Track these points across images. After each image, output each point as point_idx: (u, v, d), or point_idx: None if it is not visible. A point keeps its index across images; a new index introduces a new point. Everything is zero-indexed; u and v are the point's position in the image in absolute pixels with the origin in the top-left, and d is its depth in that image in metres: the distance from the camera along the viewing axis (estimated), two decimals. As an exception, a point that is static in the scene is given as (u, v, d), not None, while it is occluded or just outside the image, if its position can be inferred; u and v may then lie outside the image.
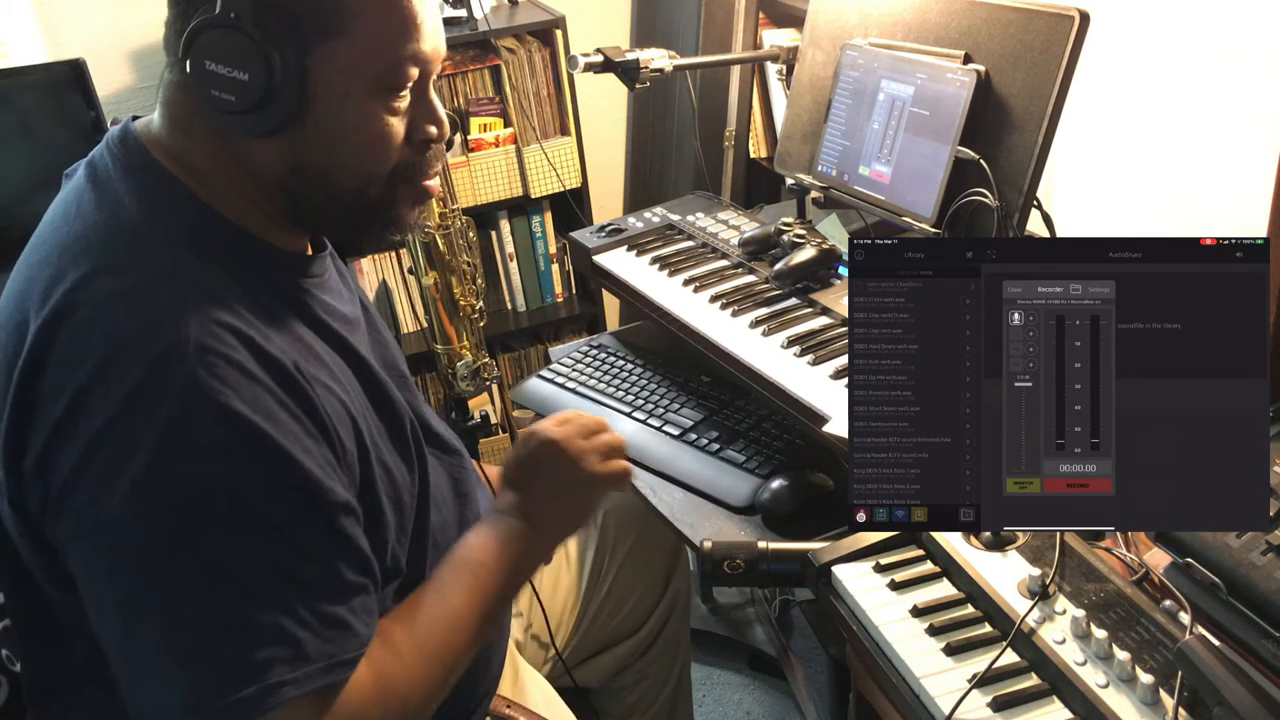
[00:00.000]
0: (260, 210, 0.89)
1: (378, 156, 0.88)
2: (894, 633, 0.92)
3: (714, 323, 1.42)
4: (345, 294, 1.01)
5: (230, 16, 0.79)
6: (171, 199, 0.86)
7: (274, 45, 0.80)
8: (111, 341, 0.78)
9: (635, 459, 1.38)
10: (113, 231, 0.84)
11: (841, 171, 1.49)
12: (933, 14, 1.39)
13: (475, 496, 1.11)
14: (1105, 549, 0.97)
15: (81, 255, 0.83)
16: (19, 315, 0.83)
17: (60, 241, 0.85)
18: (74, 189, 0.89)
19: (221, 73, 0.81)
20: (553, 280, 2.60)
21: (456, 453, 1.11)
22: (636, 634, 1.44)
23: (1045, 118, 1.23)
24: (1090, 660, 0.84)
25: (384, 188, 0.90)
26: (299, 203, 0.89)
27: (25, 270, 0.86)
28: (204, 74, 0.81)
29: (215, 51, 0.81)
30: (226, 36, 0.80)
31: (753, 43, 2.10)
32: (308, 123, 0.84)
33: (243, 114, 0.82)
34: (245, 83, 0.80)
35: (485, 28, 2.27)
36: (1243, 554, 0.85)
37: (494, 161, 2.37)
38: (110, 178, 0.87)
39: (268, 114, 0.82)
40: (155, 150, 0.87)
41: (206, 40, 0.80)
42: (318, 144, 0.86)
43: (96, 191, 0.86)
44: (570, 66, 1.65)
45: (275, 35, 0.80)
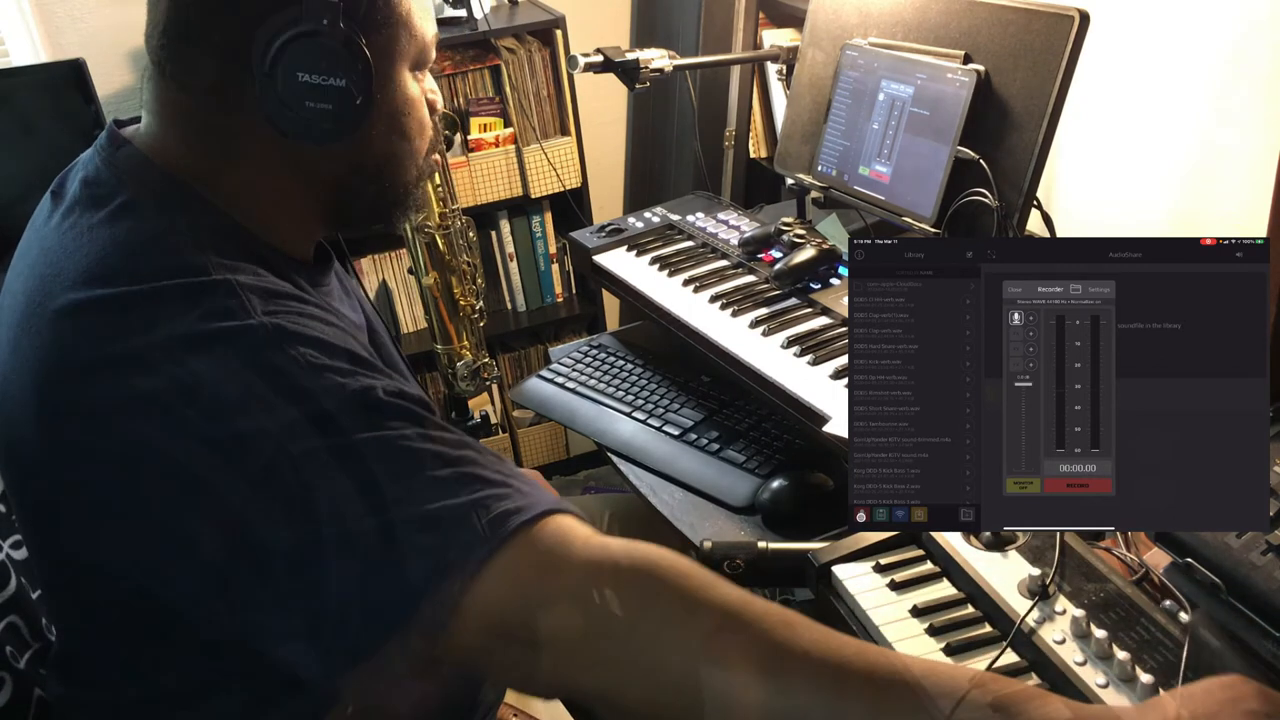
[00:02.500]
0: (286, 223, 0.88)
1: (424, 134, 0.91)
2: (894, 632, 0.92)
3: (714, 323, 1.42)
4: (351, 305, 1.02)
5: (323, 24, 0.78)
6: (192, 211, 0.83)
7: (363, 45, 0.81)
8: (183, 320, 0.75)
9: (635, 459, 1.38)
10: (140, 241, 0.80)
11: (841, 171, 1.49)
12: (933, 14, 1.39)
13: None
14: (1105, 549, 0.97)
15: (113, 277, 0.77)
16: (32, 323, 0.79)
17: (80, 267, 0.79)
18: (75, 205, 0.84)
19: (316, 82, 0.79)
20: (553, 280, 2.60)
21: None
22: None
23: (1045, 117, 1.23)
24: (1090, 660, 0.84)
25: (423, 163, 0.92)
26: (350, 200, 0.90)
27: (23, 288, 0.82)
28: (296, 88, 0.79)
29: (309, 62, 0.79)
30: (321, 44, 0.79)
31: (753, 43, 2.10)
32: (378, 114, 0.85)
33: (332, 121, 0.81)
34: (342, 89, 0.80)
35: (485, 28, 2.27)
36: (1243, 554, 0.85)
37: (494, 161, 2.37)
38: (117, 191, 0.82)
39: (357, 116, 0.83)
40: (162, 161, 0.84)
41: (300, 52, 0.79)
42: (383, 133, 0.87)
43: (108, 206, 0.82)
44: (570, 66, 1.65)
45: (357, 34, 0.81)
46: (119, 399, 0.74)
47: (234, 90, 0.81)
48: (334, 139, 0.83)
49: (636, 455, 1.39)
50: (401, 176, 0.91)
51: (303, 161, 0.85)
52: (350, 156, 0.87)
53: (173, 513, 0.75)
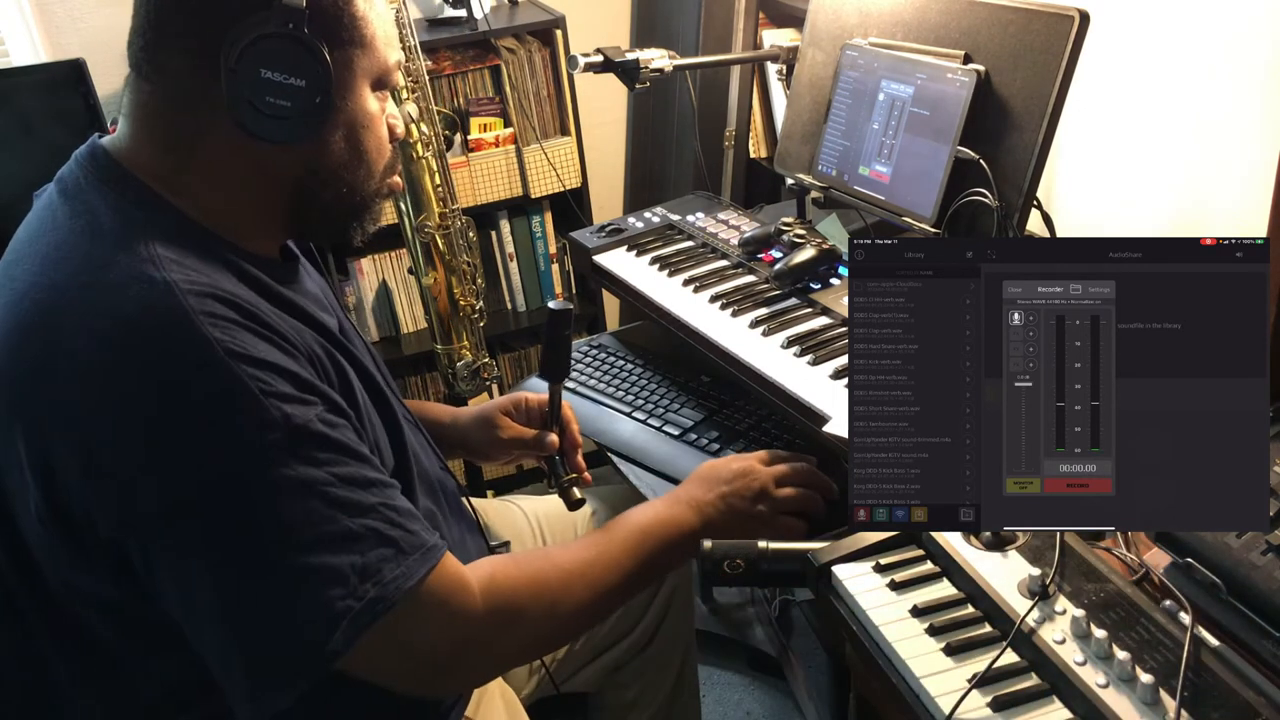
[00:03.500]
0: (248, 222, 0.93)
1: (382, 151, 0.97)
2: (894, 633, 0.92)
3: (714, 323, 1.42)
4: (323, 302, 1.04)
5: (289, 26, 0.84)
6: (147, 208, 0.88)
7: (325, 52, 0.87)
8: (120, 331, 0.80)
9: (635, 459, 1.38)
10: (91, 238, 0.86)
11: (841, 171, 1.49)
12: (933, 14, 1.39)
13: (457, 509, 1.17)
14: (1105, 549, 0.97)
15: (63, 262, 0.84)
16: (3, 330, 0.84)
17: (40, 253, 0.86)
18: (45, 205, 0.91)
19: (278, 79, 0.85)
20: (553, 280, 2.60)
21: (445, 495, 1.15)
22: (629, 636, 1.43)
23: (1045, 117, 1.23)
24: (1090, 660, 0.84)
25: (378, 182, 0.98)
26: (306, 204, 0.94)
27: (5, 284, 0.87)
28: (257, 83, 0.85)
29: (273, 60, 0.85)
30: (285, 44, 0.85)
31: (753, 43, 2.10)
32: (335, 123, 0.91)
33: (291, 119, 0.86)
34: (301, 89, 0.86)
35: (485, 28, 2.27)
36: (1243, 554, 0.85)
37: (494, 161, 2.37)
38: (83, 190, 0.89)
39: (313, 119, 0.88)
40: (127, 163, 0.89)
41: (265, 50, 0.84)
42: (339, 144, 0.92)
43: (70, 205, 0.88)
44: (570, 66, 1.65)
45: (320, 42, 0.87)
46: (44, 406, 0.82)
47: (200, 90, 0.86)
48: (291, 138, 0.88)
49: (636, 455, 1.39)
50: (357, 187, 0.96)
51: (263, 161, 0.90)
52: (307, 160, 0.92)
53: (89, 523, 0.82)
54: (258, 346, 0.82)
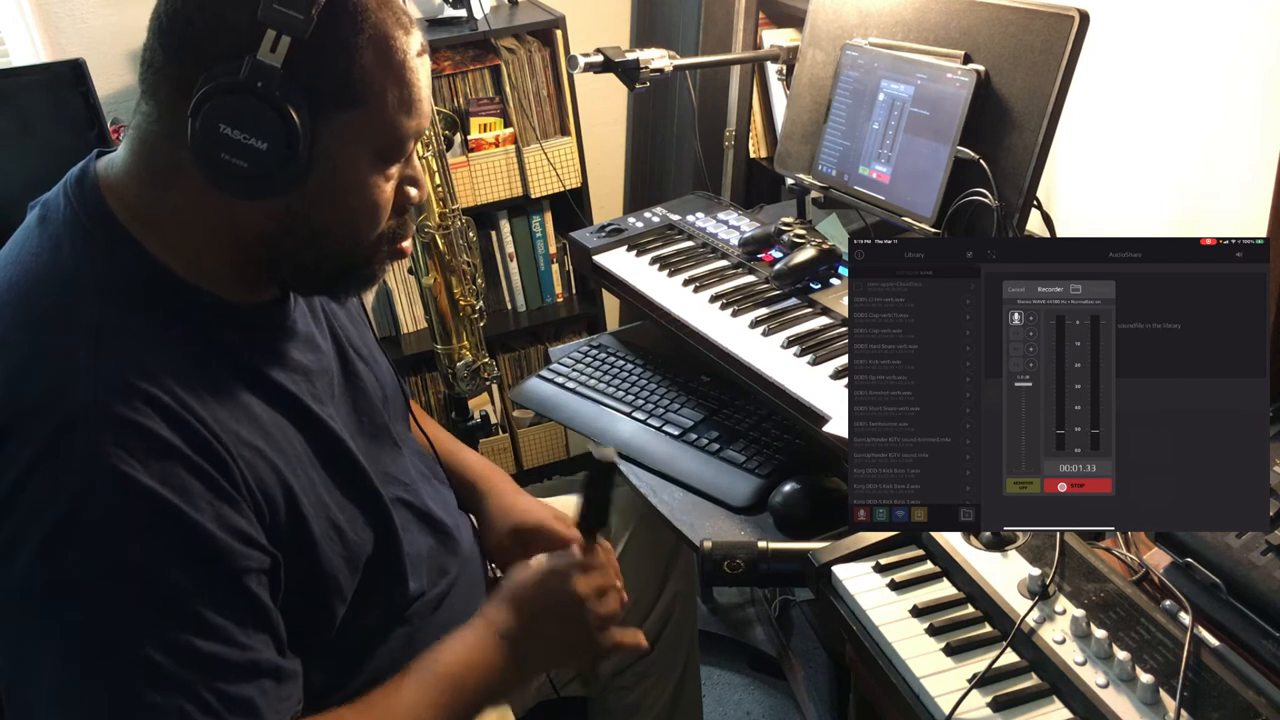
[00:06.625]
0: (224, 265, 0.87)
1: (373, 220, 0.88)
2: (894, 633, 0.92)
3: (714, 323, 1.42)
4: (316, 336, 0.99)
5: (257, 85, 0.77)
6: (117, 255, 0.83)
7: (295, 115, 0.78)
8: (17, 404, 0.77)
9: (635, 459, 1.38)
10: (44, 283, 0.82)
11: (841, 171, 1.49)
12: (933, 14, 1.39)
13: (460, 574, 1.10)
14: (1105, 549, 0.97)
15: (5, 306, 0.81)
16: None
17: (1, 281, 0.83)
18: (25, 229, 0.87)
19: (236, 137, 0.77)
20: (553, 280, 2.60)
21: (447, 535, 1.09)
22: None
23: (1045, 117, 1.23)
24: (1090, 660, 0.84)
25: (369, 249, 0.90)
26: (281, 260, 0.88)
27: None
28: (215, 136, 0.78)
29: (234, 116, 0.77)
30: (249, 103, 0.77)
31: (753, 43, 2.10)
32: (310, 186, 0.82)
33: (248, 180, 0.80)
34: (262, 151, 0.78)
35: (485, 28, 2.27)
36: (1243, 554, 0.85)
37: (494, 161, 2.37)
38: (59, 223, 0.84)
39: (274, 181, 0.80)
40: (112, 198, 0.84)
41: (226, 105, 0.77)
42: (316, 206, 0.84)
43: (42, 237, 0.84)
44: (570, 66, 1.65)
45: (296, 105, 0.79)
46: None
47: (181, 124, 0.79)
48: (248, 197, 0.81)
49: (636, 455, 1.39)
50: (340, 253, 0.88)
51: (231, 209, 0.83)
52: (281, 218, 0.84)
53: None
54: (169, 479, 0.76)
